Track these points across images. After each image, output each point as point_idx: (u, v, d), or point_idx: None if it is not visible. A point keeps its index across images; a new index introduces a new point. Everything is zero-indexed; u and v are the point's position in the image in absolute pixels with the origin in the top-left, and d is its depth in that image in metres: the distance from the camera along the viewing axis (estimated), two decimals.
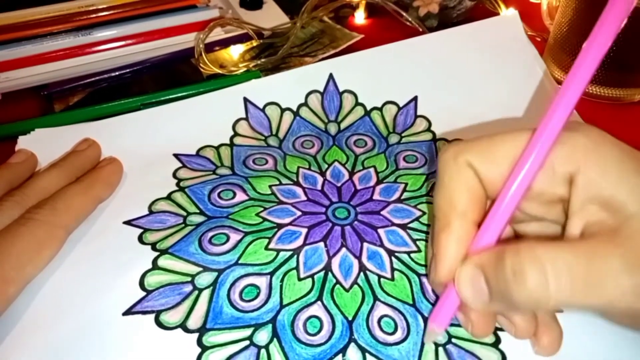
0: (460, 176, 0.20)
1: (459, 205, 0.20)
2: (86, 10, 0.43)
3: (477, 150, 0.20)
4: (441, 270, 0.20)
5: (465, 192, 0.20)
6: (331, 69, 0.35)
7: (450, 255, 0.20)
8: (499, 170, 0.20)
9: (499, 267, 0.17)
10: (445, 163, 0.21)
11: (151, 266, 0.25)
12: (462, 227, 0.20)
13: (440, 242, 0.20)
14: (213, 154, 0.32)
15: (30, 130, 0.31)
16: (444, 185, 0.21)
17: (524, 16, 0.38)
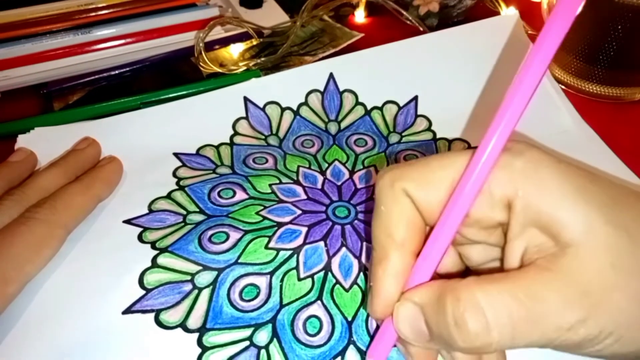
0: (397, 205, 0.19)
1: (397, 236, 0.19)
2: (86, 9, 0.43)
3: (414, 177, 0.19)
4: (377, 305, 0.19)
5: (403, 221, 0.19)
6: (331, 69, 0.35)
7: (386, 290, 0.19)
8: (436, 197, 0.19)
9: (440, 311, 0.17)
10: (382, 191, 0.20)
11: (151, 264, 0.25)
12: (400, 259, 0.19)
13: (377, 275, 0.19)
14: (213, 153, 0.32)
15: (29, 129, 0.31)
16: (381, 215, 0.20)
17: (525, 15, 0.38)
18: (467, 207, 0.18)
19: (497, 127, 0.17)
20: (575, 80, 0.38)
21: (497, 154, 0.17)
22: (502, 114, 0.17)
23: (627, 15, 0.33)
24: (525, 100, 0.17)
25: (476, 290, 0.17)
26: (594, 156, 0.32)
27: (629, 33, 0.34)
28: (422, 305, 0.18)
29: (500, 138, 0.17)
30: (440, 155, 0.19)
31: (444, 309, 0.17)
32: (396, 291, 0.19)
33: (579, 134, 0.33)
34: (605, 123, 0.34)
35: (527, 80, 0.17)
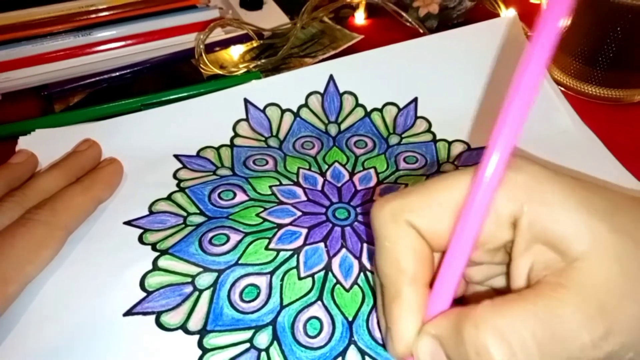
0: (402, 238, 0.19)
1: (408, 271, 0.18)
2: (86, 11, 0.43)
3: (415, 207, 0.19)
4: (399, 345, 0.18)
5: (411, 255, 0.18)
6: (331, 70, 0.35)
7: (406, 328, 0.18)
8: (441, 223, 0.18)
9: (459, 342, 0.16)
10: (384, 226, 0.19)
11: (151, 267, 0.25)
12: (414, 294, 0.18)
13: (394, 314, 0.18)
14: (213, 154, 0.32)
15: (30, 131, 0.31)
16: (387, 251, 0.19)
17: (524, 16, 0.38)
18: (478, 228, 0.17)
19: (498, 143, 0.16)
20: (575, 81, 0.38)
21: (502, 170, 0.17)
22: (501, 129, 0.17)
23: (627, 16, 0.33)
24: (524, 113, 0.17)
25: (494, 315, 0.16)
26: (593, 157, 0.32)
27: (628, 34, 0.34)
28: (441, 338, 0.17)
29: (503, 154, 0.16)
30: (438, 179, 0.19)
31: (463, 339, 0.16)
32: (416, 327, 0.18)
33: (578, 135, 0.33)
34: (604, 125, 0.34)
35: (524, 92, 0.17)
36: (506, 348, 0.15)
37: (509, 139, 0.16)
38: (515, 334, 0.16)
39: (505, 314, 0.16)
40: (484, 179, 0.17)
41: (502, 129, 0.16)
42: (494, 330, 0.16)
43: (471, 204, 0.17)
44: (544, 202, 0.17)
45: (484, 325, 0.16)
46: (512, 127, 0.16)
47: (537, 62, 0.16)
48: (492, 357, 0.15)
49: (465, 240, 0.17)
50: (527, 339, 0.16)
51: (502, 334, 0.16)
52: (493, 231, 0.18)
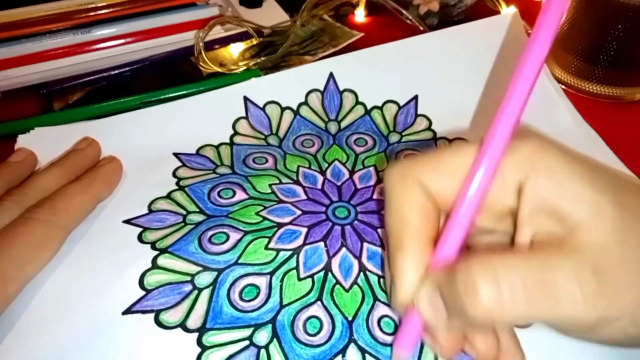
0: (409, 194, 0.19)
1: (412, 224, 0.19)
2: (85, 8, 0.42)
3: (425, 166, 0.20)
4: (400, 293, 0.19)
5: (416, 210, 0.19)
6: (331, 68, 0.35)
7: (408, 278, 0.19)
8: (450, 184, 0.19)
9: (452, 282, 0.17)
10: (393, 182, 0.20)
11: (151, 265, 0.25)
12: (417, 246, 0.19)
13: (397, 264, 0.19)
14: (213, 153, 0.32)
15: (29, 129, 0.31)
16: (394, 205, 0.20)
17: (525, 14, 0.38)
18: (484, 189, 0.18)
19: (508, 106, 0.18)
20: (575, 80, 0.38)
21: (509, 132, 0.18)
22: (511, 93, 0.18)
23: (627, 14, 0.33)
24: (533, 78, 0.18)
25: (488, 257, 0.17)
26: (594, 156, 0.31)
27: (629, 33, 0.34)
28: (439, 282, 0.18)
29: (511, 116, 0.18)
30: (449, 146, 0.20)
31: (456, 277, 0.17)
32: (417, 277, 0.19)
33: (580, 134, 0.33)
34: (605, 123, 0.34)
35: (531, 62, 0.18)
36: (494, 287, 0.16)
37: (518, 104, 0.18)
38: (505, 277, 0.16)
39: (499, 259, 0.16)
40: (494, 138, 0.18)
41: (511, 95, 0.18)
42: (485, 269, 0.16)
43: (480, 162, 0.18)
44: (548, 171, 0.18)
45: (476, 264, 0.16)
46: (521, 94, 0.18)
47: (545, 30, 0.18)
48: (478, 293, 0.16)
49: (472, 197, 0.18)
50: (517, 284, 0.16)
51: (492, 274, 0.16)
52: (499, 196, 0.19)
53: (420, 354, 0.22)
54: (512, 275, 0.16)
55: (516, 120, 0.18)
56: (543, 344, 0.22)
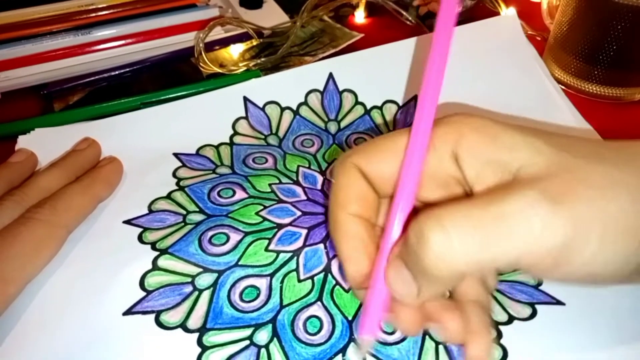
0: (347, 178, 0.20)
1: (345, 203, 0.20)
2: (86, 10, 0.43)
3: (362, 152, 0.21)
4: (348, 270, 0.20)
5: (350, 190, 0.20)
6: (331, 68, 0.35)
7: (351, 255, 0.20)
8: (385, 167, 0.20)
9: (406, 242, 0.17)
10: (335, 167, 0.21)
11: (151, 266, 0.25)
12: (351, 222, 0.20)
13: (337, 243, 0.20)
14: (213, 153, 0.32)
15: (30, 130, 0.31)
16: (334, 190, 0.21)
17: (524, 15, 0.38)
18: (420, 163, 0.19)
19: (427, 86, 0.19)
20: (575, 80, 0.38)
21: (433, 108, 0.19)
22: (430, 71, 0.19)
23: (627, 15, 0.33)
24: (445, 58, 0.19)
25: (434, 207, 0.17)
26: None
27: (628, 33, 0.34)
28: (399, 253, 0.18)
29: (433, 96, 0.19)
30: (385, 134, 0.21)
31: (408, 234, 0.17)
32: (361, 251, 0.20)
33: (579, 132, 0.33)
34: (605, 123, 0.34)
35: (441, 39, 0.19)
36: (442, 233, 0.16)
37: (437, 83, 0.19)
38: (451, 221, 0.16)
39: (445, 207, 0.17)
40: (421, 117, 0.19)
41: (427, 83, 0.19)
42: (434, 218, 0.16)
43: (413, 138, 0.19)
44: (477, 130, 0.19)
45: (425, 217, 0.17)
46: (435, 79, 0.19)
47: (445, 18, 0.19)
48: (426, 238, 0.16)
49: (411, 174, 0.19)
50: (465, 225, 0.16)
51: (437, 217, 0.16)
52: (436, 166, 0.20)
53: (420, 354, 0.22)
54: (459, 218, 0.16)
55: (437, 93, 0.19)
56: (547, 336, 0.22)
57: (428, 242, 0.16)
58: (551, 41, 0.39)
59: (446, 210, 0.16)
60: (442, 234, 0.16)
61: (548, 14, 0.43)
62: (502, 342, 0.22)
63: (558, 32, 0.38)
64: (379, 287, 0.19)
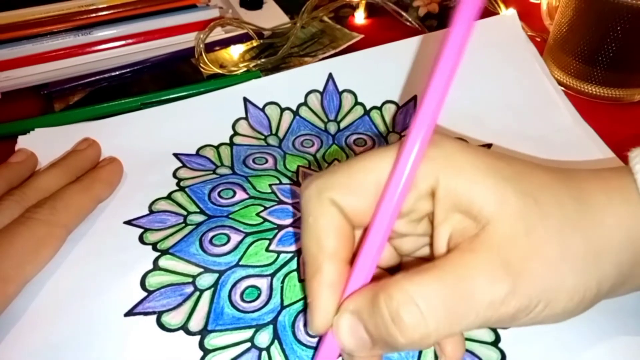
0: (325, 216, 0.19)
1: (328, 247, 0.19)
2: (86, 10, 0.43)
3: (338, 185, 0.19)
4: (317, 319, 0.19)
5: (332, 231, 0.19)
6: (330, 69, 0.35)
7: (324, 303, 0.19)
8: (363, 201, 0.19)
9: (376, 313, 0.17)
10: (309, 202, 0.20)
11: (152, 267, 0.25)
12: (333, 269, 0.19)
13: (313, 288, 0.19)
14: (213, 153, 0.32)
15: (30, 130, 0.31)
16: (310, 227, 0.19)
17: (524, 16, 0.38)
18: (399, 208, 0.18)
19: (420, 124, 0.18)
20: (575, 81, 0.38)
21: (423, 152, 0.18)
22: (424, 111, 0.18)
23: (626, 16, 0.33)
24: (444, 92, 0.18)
25: (406, 284, 0.17)
26: (593, 154, 0.32)
27: (628, 34, 0.34)
28: (359, 312, 0.18)
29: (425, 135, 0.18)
30: (361, 158, 0.20)
31: (380, 309, 0.17)
32: (334, 303, 0.19)
33: (578, 132, 0.33)
34: (605, 124, 0.34)
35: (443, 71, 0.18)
36: (417, 313, 0.16)
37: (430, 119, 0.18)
38: (424, 299, 0.17)
39: (416, 282, 0.17)
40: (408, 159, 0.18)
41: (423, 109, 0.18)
42: (406, 298, 0.17)
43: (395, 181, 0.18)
44: (456, 171, 0.18)
45: (396, 294, 0.17)
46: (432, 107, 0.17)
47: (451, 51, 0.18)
48: (405, 324, 0.16)
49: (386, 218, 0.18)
50: (436, 302, 0.17)
51: (412, 300, 0.17)
52: (413, 203, 0.19)
53: (420, 357, 0.22)
54: (431, 294, 0.17)
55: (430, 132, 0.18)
56: (546, 338, 0.22)
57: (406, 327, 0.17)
58: (551, 42, 0.39)
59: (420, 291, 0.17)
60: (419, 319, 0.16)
61: (547, 15, 0.43)
62: (500, 346, 0.22)
63: (557, 33, 0.38)
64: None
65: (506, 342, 0.22)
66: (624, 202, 0.18)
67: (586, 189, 0.19)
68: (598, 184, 0.19)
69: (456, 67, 0.18)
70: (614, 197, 0.18)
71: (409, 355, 0.22)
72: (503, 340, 0.22)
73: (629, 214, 0.18)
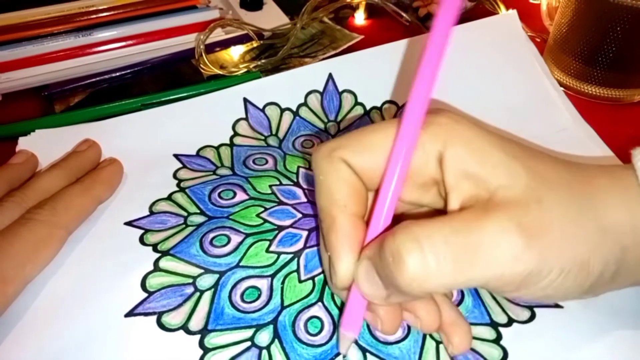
0: (335, 172, 0.20)
1: (340, 200, 0.20)
2: (87, 11, 0.43)
3: (349, 144, 0.20)
4: (340, 272, 0.19)
5: (343, 186, 0.20)
6: (330, 69, 0.35)
7: (345, 256, 0.19)
8: (373, 161, 0.20)
9: (381, 255, 0.17)
10: (320, 162, 0.20)
11: (153, 268, 0.25)
12: (347, 221, 0.19)
13: (333, 244, 0.19)
14: (213, 154, 0.32)
15: (30, 131, 0.31)
16: (321, 184, 0.20)
17: (524, 17, 0.38)
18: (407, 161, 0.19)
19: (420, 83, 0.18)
20: (575, 81, 0.38)
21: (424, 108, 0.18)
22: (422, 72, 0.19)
23: (626, 16, 0.33)
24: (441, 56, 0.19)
25: (411, 225, 0.17)
26: (593, 154, 0.32)
27: (627, 35, 0.34)
28: (372, 257, 0.18)
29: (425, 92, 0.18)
30: (372, 125, 0.20)
31: (383, 249, 0.17)
32: (354, 254, 0.19)
33: (578, 132, 0.33)
34: (605, 124, 0.34)
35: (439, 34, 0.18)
36: (419, 254, 0.16)
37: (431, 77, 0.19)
38: (428, 242, 0.16)
39: (422, 224, 0.17)
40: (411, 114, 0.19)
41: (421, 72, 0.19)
42: (409, 235, 0.16)
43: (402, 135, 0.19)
44: (465, 141, 0.19)
45: (399, 232, 0.17)
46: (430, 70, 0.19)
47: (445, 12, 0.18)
48: (403, 259, 0.16)
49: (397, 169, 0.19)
50: (442, 250, 0.16)
51: (415, 238, 0.16)
52: (421, 165, 0.19)
53: (421, 353, 0.22)
54: (437, 241, 0.16)
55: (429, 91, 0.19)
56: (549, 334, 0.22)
57: (404, 264, 0.16)
58: (550, 43, 0.39)
59: (424, 232, 0.17)
60: (419, 257, 0.16)
61: (547, 16, 0.43)
62: (502, 344, 0.22)
63: (557, 33, 0.38)
64: None
65: (508, 340, 0.22)
66: (627, 189, 0.19)
67: (591, 174, 0.19)
68: (602, 174, 0.19)
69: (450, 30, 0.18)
70: (617, 186, 0.19)
71: (411, 353, 0.22)
72: (505, 338, 0.22)
73: (631, 200, 0.18)
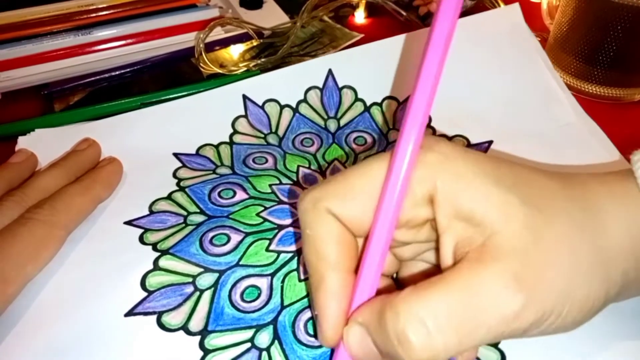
0: (322, 226, 0.19)
1: (329, 257, 0.19)
2: (86, 10, 0.43)
3: (334, 192, 0.19)
4: (327, 330, 0.19)
5: (330, 241, 0.19)
6: (330, 65, 0.35)
7: (332, 314, 0.19)
8: (359, 209, 0.19)
9: (382, 330, 0.17)
10: (305, 214, 0.19)
11: (152, 267, 0.25)
12: (337, 279, 0.19)
13: (319, 301, 0.19)
14: (213, 152, 0.32)
15: (30, 130, 0.31)
16: (308, 239, 0.19)
17: (524, 16, 0.38)
18: (397, 213, 0.18)
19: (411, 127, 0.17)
20: (575, 80, 0.38)
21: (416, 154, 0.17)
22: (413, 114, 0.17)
23: (627, 15, 0.33)
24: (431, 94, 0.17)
25: (413, 301, 0.16)
26: (596, 149, 0.31)
27: (628, 34, 0.34)
28: (367, 325, 0.18)
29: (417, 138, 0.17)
30: (355, 167, 0.19)
31: (386, 326, 0.17)
32: (341, 313, 0.19)
33: (581, 127, 0.33)
34: (605, 123, 0.34)
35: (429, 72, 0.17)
36: (424, 333, 0.16)
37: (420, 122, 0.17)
38: (432, 317, 0.16)
39: (423, 298, 0.16)
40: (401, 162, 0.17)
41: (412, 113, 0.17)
42: (412, 315, 0.16)
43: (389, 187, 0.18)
44: (455, 177, 0.18)
45: (403, 312, 0.16)
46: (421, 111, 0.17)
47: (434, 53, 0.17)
48: (410, 342, 0.16)
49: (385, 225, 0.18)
50: (444, 320, 0.16)
51: (419, 318, 0.16)
52: (411, 210, 0.19)
53: None
54: (439, 312, 0.16)
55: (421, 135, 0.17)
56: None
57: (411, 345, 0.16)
58: (551, 41, 0.39)
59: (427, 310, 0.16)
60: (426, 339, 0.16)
61: (548, 14, 0.43)
62: (500, 347, 0.22)
63: (558, 32, 0.38)
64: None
65: (505, 343, 0.22)
66: (628, 208, 0.18)
67: (589, 193, 0.18)
68: (601, 189, 0.19)
69: (442, 64, 0.17)
70: (618, 202, 0.18)
71: None
72: (503, 341, 0.22)
73: (633, 219, 0.18)
